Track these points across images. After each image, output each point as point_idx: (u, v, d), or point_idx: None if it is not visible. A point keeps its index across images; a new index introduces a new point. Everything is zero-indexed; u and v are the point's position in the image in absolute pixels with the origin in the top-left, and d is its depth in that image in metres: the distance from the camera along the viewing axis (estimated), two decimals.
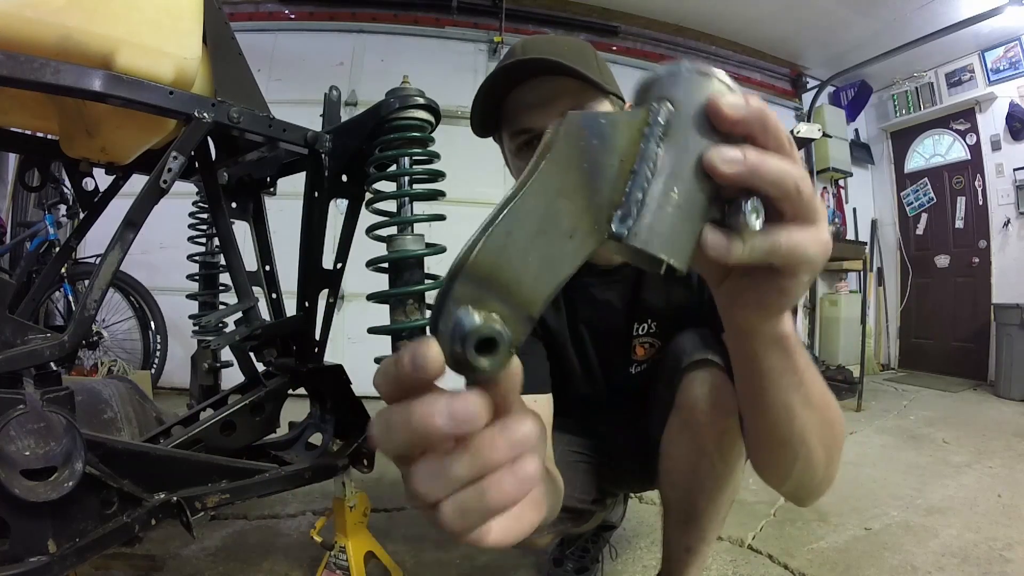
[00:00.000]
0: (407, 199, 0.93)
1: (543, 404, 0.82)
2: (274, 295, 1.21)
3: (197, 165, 1.02)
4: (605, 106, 0.75)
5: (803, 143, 3.46)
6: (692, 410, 0.73)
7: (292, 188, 1.19)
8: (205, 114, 0.82)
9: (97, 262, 0.79)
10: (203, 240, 1.54)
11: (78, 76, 0.70)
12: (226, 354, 1.56)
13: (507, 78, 0.73)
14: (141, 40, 0.76)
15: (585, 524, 1.05)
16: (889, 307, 4.80)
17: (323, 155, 1.00)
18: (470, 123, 0.82)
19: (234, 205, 1.24)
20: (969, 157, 4.24)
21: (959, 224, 4.34)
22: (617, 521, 1.39)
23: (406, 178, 0.93)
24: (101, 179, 1.21)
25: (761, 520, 1.51)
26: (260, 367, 1.13)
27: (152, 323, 2.98)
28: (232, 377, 1.28)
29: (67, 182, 1.96)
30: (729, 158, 0.26)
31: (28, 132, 1.11)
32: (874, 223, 4.84)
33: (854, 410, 3.10)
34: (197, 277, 1.54)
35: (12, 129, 1.06)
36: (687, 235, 0.26)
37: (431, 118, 0.96)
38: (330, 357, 1.13)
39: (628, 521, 1.48)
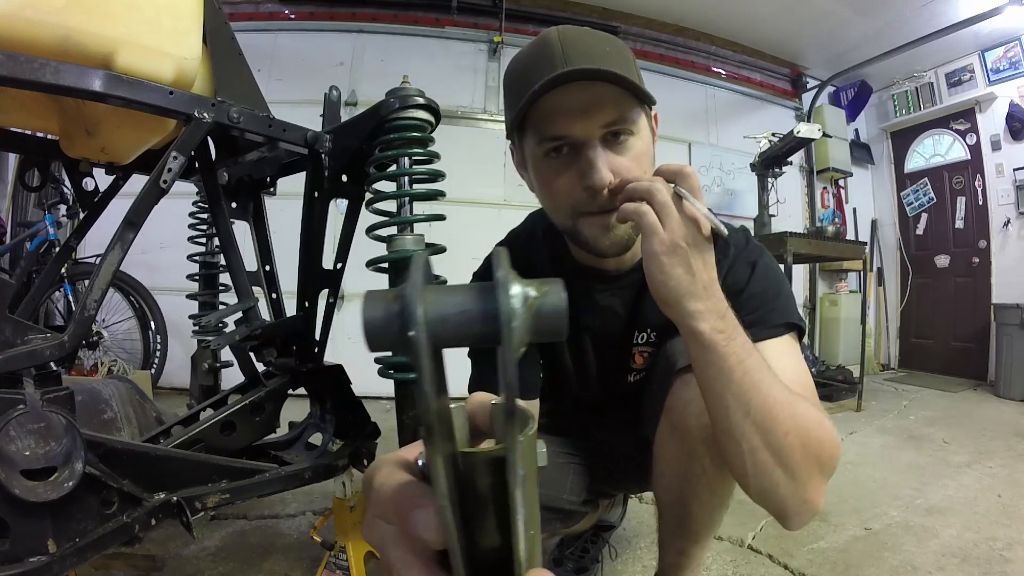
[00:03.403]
0: (407, 199, 0.93)
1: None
2: (274, 295, 1.21)
3: (197, 165, 1.02)
4: (642, 120, 0.71)
5: (803, 143, 3.45)
6: (682, 414, 0.73)
7: (292, 188, 1.19)
8: (205, 114, 0.82)
9: (97, 262, 0.79)
10: (203, 240, 1.54)
11: (78, 76, 0.70)
12: (226, 354, 1.56)
13: (553, 83, 0.65)
14: (141, 40, 0.76)
15: (576, 525, 1.05)
16: (889, 307, 4.80)
17: (323, 155, 1.00)
18: (504, 124, 0.76)
19: (234, 205, 1.24)
20: (969, 157, 4.24)
21: (959, 224, 4.34)
22: (617, 521, 1.39)
23: (406, 178, 0.93)
24: (101, 179, 1.21)
25: (761, 520, 1.51)
26: (260, 367, 1.13)
27: (152, 323, 2.98)
28: (232, 377, 1.28)
29: (67, 182, 1.96)
30: None
31: (28, 132, 1.11)
32: (874, 223, 4.85)
33: (854, 410, 3.09)
34: (197, 277, 1.54)
35: (12, 129, 1.06)
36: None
37: (431, 118, 0.96)
38: (330, 357, 1.13)
39: (628, 521, 1.48)
